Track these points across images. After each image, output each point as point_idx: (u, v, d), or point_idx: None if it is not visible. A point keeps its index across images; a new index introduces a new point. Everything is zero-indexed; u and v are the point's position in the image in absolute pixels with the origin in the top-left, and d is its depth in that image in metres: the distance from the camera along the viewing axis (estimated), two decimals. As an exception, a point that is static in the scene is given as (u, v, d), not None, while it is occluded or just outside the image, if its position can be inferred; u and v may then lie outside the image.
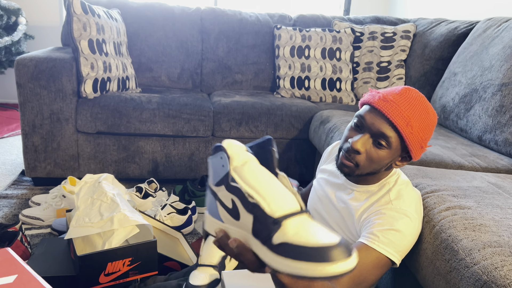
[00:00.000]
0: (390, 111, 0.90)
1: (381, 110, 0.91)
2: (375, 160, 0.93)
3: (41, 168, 2.04)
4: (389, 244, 0.89)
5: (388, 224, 0.91)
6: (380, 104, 0.92)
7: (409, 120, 0.90)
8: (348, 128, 0.99)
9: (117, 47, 2.18)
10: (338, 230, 1.04)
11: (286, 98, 2.50)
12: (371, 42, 2.69)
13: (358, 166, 0.95)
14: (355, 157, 0.94)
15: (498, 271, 0.78)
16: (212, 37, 2.62)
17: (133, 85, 2.30)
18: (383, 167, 0.96)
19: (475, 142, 1.80)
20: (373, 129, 0.92)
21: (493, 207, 1.03)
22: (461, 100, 1.91)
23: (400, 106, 0.90)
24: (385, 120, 0.91)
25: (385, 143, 0.92)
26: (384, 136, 0.91)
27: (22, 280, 0.65)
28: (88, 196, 1.30)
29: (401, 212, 0.93)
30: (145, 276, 1.23)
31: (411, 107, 0.91)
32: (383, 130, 0.91)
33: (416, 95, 0.93)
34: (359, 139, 0.93)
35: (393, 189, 0.99)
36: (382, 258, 0.89)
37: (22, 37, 3.31)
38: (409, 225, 0.93)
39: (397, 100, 0.91)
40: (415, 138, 0.91)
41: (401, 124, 0.89)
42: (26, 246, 1.44)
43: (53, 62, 1.92)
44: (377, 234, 0.90)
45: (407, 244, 0.93)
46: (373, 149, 0.93)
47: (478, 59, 1.91)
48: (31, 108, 1.95)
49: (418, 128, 0.91)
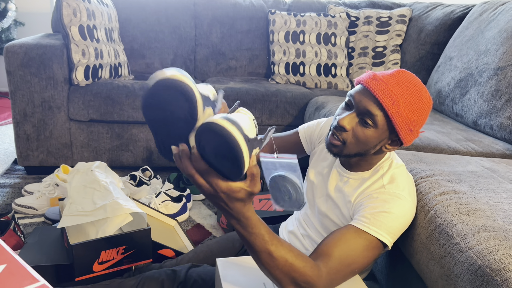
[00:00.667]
0: (377, 89, 0.89)
1: (368, 88, 0.90)
2: (362, 139, 0.93)
3: (33, 157, 2.02)
4: (380, 226, 0.88)
5: (380, 207, 0.91)
6: (368, 82, 0.91)
7: (395, 99, 0.88)
8: (340, 107, 0.99)
9: (108, 33, 2.14)
10: (334, 219, 1.04)
11: (281, 84, 2.48)
12: (366, 27, 2.67)
13: (345, 143, 0.94)
14: (342, 134, 0.94)
15: (492, 255, 0.77)
16: (206, 22, 2.59)
17: (125, 72, 2.27)
18: (371, 149, 0.95)
19: (470, 127, 1.80)
20: (359, 107, 0.92)
21: (487, 191, 1.03)
22: (456, 84, 1.89)
23: (388, 85, 0.89)
24: (372, 98, 0.90)
25: (371, 121, 0.91)
26: (370, 114, 0.90)
27: (11, 269, 0.64)
28: (81, 184, 1.28)
29: (393, 195, 0.93)
30: (140, 264, 1.23)
31: (400, 87, 0.90)
32: (369, 108, 0.90)
33: (409, 77, 0.92)
34: (346, 116, 0.93)
35: (387, 174, 0.98)
36: (373, 240, 0.88)
37: (12, 24, 3.25)
38: (401, 207, 0.92)
39: (387, 79, 0.90)
40: (402, 118, 0.89)
41: (386, 102, 0.88)
42: (19, 235, 1.43)
43: (43, 49, 1.89)
44: (368, 217, 0.90)
45: (399, 226, 0.92)
46: (359, 128, 0.92)
47: (474, 43, 1.89)
48: (21, 96, 1.92)
49: (405, 108, 0.89)
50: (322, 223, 1.07)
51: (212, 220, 1.79)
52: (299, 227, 1.16)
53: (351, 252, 0.86)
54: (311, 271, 0.80)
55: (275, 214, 1.64)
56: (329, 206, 1.06)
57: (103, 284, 1.03)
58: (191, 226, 1.74)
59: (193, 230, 1.70)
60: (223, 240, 1.28)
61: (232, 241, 1.26)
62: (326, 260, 0.84)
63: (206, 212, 1.86)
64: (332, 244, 0.87)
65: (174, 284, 1.02)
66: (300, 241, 1.13)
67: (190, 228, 1.72)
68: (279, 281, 0.80)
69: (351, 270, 0.87)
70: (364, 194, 0.97)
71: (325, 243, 0.88)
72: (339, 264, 0.85)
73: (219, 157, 0.66)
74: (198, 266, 1.10)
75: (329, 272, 0.83)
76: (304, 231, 1.13)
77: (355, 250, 0.87)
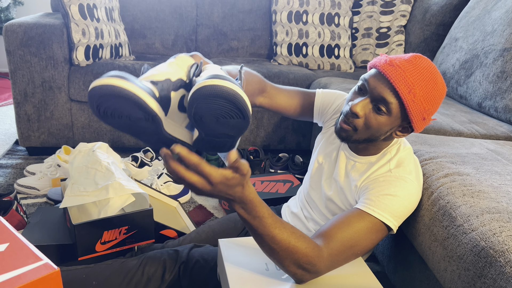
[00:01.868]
0: (394, 76, 0.86)
1: (385, 74, 0.87)
2: (373, 126, 0.90)
3: (35, 138, 2.02)
4: (385, 209, 0.88)
5: (385, 190, 0.90)
6: (385, 68, 0.87)
7: (412, 87, 0.85)
8: (352, 91, 0.96)
9: (109, 12, 2.11)
10: (339, 204, 1.03)
11: (283, 65, 2.45)
12: (370, 7, 2.62)
13: (356, 130, 0.92)
14: (353, 120, 0.91)
15: (496, 237, 0.77)
16: (207, 1, 2.54)
17: (126, 52, 2.24)
18: (382, 135, 0.93)
19: (475, 109, 1.78)
20: (374, 93, 0.88)
21: (491, 173, 1.02)
22: (461, 66, 1.87)
23: (406, 72, 0.86)
24: (388, 85, 0.87)
25: (385, 109, 0.88)
26: (385, 101, 0.87)
27: (14, 248, 0.64)
28: (82, 165, 1.28)
29: (400, 178, 0.92)
30: (142, 244, 1.23)
31: (417, 74, 0.86)
32: (384, 95, 0.87)
33: (425, 63, 0.88)
34: (359, 102, 0.90)
35: (394, 158, 0.96)
36: (377, 223, 0.88)
37: (11, 3, 3.20)
38: (408, 190, 0.91)
39: (404, 65, 0.87)
40: (417, 107, 0.87)
41: (403, 90, 0.85)
42: (22, 215, 1.44)
43: (42, 28, 1.86)
44: (373, 199, 0.89)
45: (404, 210, 0.91)
46: (372, 114, 0.90)
47: (480, 24, 1.86)
48: (22, 76, 1.90)
49: (421, 97, 0.86)
50: (327, 206, 1.07)
51: (213, 201, 1.80)
52: (303, 209, 1.15)
53: (354, 234, 0.86)
54: (313, 252, 0.80)
55: (277, 196, 1.64)
56: (334, 190, 1.05)
57: (106, 264, 1.03)
58: (193, 207, 1.74)
59: (195, 211, 1.71)
60: (225, 220, 1.28)
61: (234, 221, 1.26)
62: (328, 241, 0.84)
63: (208, 194, 1.86)
64: (335, 226, 0.86)
65: (176, 264, 1.03)
66: (303, 223, 1.13)
67: (192, 209, 1.73)
68: (282, 263, 0.80)
69: (353, 252, 0.87)
70: (370, 178, 0.96)
71: (329, 225, 0.88)
72: (342, 245, 0.84)
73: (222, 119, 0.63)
74: (200, 247, 1.10)
75: (331, 254, 0.83)
76: (308, 213, 1.13)
77: (358, 233, 0.86)
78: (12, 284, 0.57)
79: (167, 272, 1.02)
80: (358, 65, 2.66)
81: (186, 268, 1.02)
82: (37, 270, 0.60)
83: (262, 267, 0.89)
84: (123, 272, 1.01)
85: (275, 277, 0.86)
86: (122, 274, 1.00)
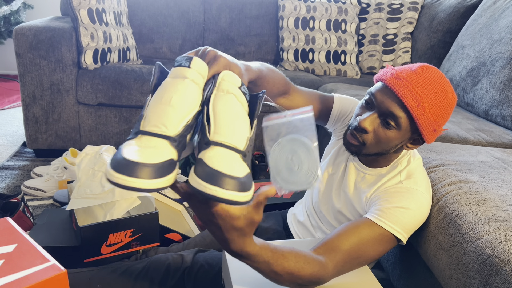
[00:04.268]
0: (401, 90, 0.84)
1: (391, 88, 0.85)
2: (383, 140, 0.89)
3: (42, 140, 2.04)
4: (396, 221, 0.87)
5: (397, 202, 0.89)
6: (391, 81, 0.86)
7: (421, 100, 0.83)
8: (358, 105, 0.94)
9: (117, 16, 2.13)
10: (349, 216, 1.02)
11: (289, 71, 2.46)
12: (377, 14, 2.63)
13: (365, 144, 0.91)
14: (362, 135, 0.90)
15: (502, 245, 0.77)
16: (214, 7, 2.56)
17: (134, 56, 2.26)
18: (392, 148, 0.92)
19: (481, 116, 1.78)
20: (382, 108, 0.87)
21: (498, 181, 1.02)
22: (468, 73, 1.87)
23: (413, 85, 0.84)
24: (395, 99, 0.85)
25: (394, 123, 0.86)
26: (393, 116, 0.86)
27: (22, 249, 0.65)
28: (89, 167, 1.29)
29: (411, 190, 0.91)
30: (147, 247, 1.24)
31: (425, 86, 0.84)
32: (392, 109, 0.85)
33: (433, 73, 0.86)
34: (367, 118, 0.88)
35: (404, 170, 0.96)
36: (386, 235, 0.87)
37: (21, 7, 3.24)
38: (419, 203, 0.91)
39: (410, 78, 0.85)
40: (426, 120, 0.85)
41: (411, 104, 0.83)
42: (28, 216, 1.45)
43: (52, 31, 1.88)
44: (384, 211, 0.88)
45: (415, 222, 0.91)
46: (381, 129, 0.88)
47: (487, 32, 1.86)
48: (31, 79, 1.92)
49: (430, 109, 0.84)
50: (336, 217, 1.06)
51: (218, 205, 1.80)
52: (310, 217, 1.14)
53: (361, 245, 0.85)
54: (318, 272, 0.78)
55: (282, 201, 1.64)
56: (343, 203, 1.04)
57: (111, 267, 1.04)
58: (198, 211, 1.75)
59: (200, 215, 1.71)
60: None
61: (239, 226, 1.26)
62: (333, 253, 0.83)
63: (213, 198, 1.86)
64: (342, 236, 0.85)
65: (180, 268, 1.03)
66: (311, 232, 1.12)
67: (197, 213, 1.73)
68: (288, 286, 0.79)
69: (359, 262, 0.87)
70: (380, 190, 0.95)
71: (335, 234, 0.87)
72: (347, 256, 0.84)
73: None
74: (205, 251, 1.10)
75: (336, 265, 0.82)
76: (315, 223, 1.12)
77: (366, 243, 0.86)
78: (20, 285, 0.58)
79: (171, 277, 1.02)
80: (365, 71, 2.66)
81: (191, 272, 1.02)
82: (44, 271, 0.61)
83: (266, 272, 0.89)
84: (128, 276, 1.01)
85: (280, 282, 0.86)
86: (126, 277, 1.01)
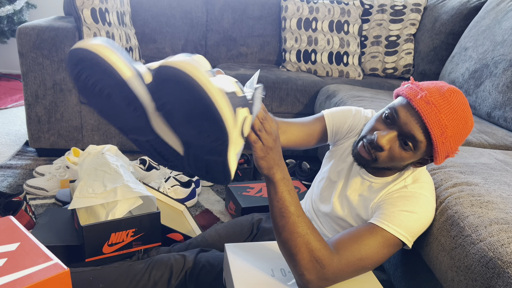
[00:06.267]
0: (429, 116, 0.82)
1: (420, 112, 0.83)
2: (397, 159, 0.88)
3: (44, 139, 2.04)
4: (400, 225, 0.87)
5: (402, 206, 0.89)
6: (420, 105, 0.83)
7: (445, 129, 0.82)
8: (376, 117, 0.92)
9: (120, 16, 2.13)
10: (351, 222, 1.02)
11: (292, 72, 2.46)
12: (380, 15, 2.63)
13: (376, 160, 0.90)
14: (376, 153, 0.88)
15: (504, 247, 0.77)
16: (217, 7, 2.56)
17: (136, 56, 2.26)
18: (403, 166, 0.93)
19: (484, 118, 1.77)
20: (404, 129, 0.85)
21: (500, 184, 1.02)
22: (471, 75, 1.86)
23: (441, 113, 0.82)
24: (420, 123, 0.83)
25: (412, 145, 0.86)
26: (414, 139, 0.85)
27: (25, 247, 0.65)
28: (91, 167, 1.29)
29: (416, 195, 0.91)
30: (149, 247, 1.24)
31: (451, 114, 0.83)
32: (415, 133, 0.84)
33: (460, 101, 0.84)
34: (386, 135, 0.86)
35: (410, 176, 0.95)
36: (390, 238, 0.87)
37: (24, 6, 3.25)
38: (424, 207, 0.91)
39: (440, 104, 0.82)
40: (445, 148, 0.85)
41: (436, 132, 0.82)
42: (31, 215, 1.45)
43: (55, 31, 1.89)
44: (388, 214, 0.88)
45: (420, 226, 0.90)
46: (398, 149, 0.87)
47: (490, 34, 1.86)
48: (33, 78, 1.93)
49: (451, 138, 0.84)
50: (338, 223, 1.06)
51: (220, 206, 1.80)
52: (311, 221, 1.14)
53: (365, 247, 0.85)
54: (327, 251, 0.81)
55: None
56: (347, 210, 1.03)
57: (113, 267, 1.04)
58: (199, 211, 1.75)
59: (202, 215, 1.71)
60: (231, 225, 1.28)
61: (240, 226, 1.26)
62: (340, 251, 0.83)
63: (215, 198, 1.87)
64: (347, 238, 0.86)
65: (182, 269, 1.03)
66: None
67: (198, 213, 1.73)
68: (297, 251, 0.81)
69: (363, 266, 0.86)
70: (384, 195, 0.95)
71: (340, 236, 0.87)
72: (352, 256, 0.84)
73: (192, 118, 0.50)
74: (207, 251, 1.10)
75: (341, 262, 0.82)
76: (317, 226, 1.12)
77: (370, 246, 0.86)
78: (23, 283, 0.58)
79: (174, 277, 1.02)
80: (367, 72, 2.66)
81: (192, 273, 1.03)
82: (47, 269, 0.61)
83: (268, 272, 0.89)
84: (130, 276, 1.01)
85: (281, 282, 0.86)
86: (128, 277, 1.01)
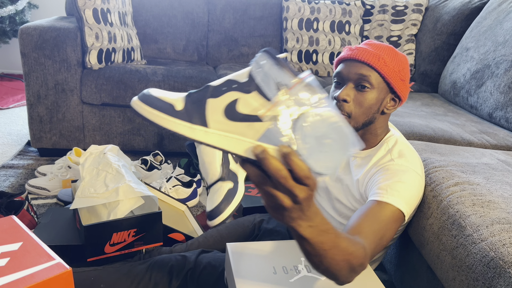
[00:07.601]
0: (359, 54, 0.95)
1: (352, 56, 0.96)
2: (364, 104, 0.96)
3: (46, 139, 2.04)
4: (398, 195, 0.88)
5: (393, 177, 0.92)
6: (348, 53, 0.97)
7: (379, 55, 0.94)
8: (331, 90, 1.03)
9: (122, 17, 2.14)
10: (345, 202, 1.04)
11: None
12: (381, 16, 2.63)
13: (351, 116, 0.97)
14: (345, 107, 0.96)
15: (506, 247, 0.77)
16: (219, 8, 2.57)
17: (138, 56, 2.27)
18: (375, 112, 0.98)
19: (485, 119, 1.77)
20: (351, 76, 0.96)
21: (502, 184, 1.02)
22: (472, 76, 1.86)
23: (367, 48, 0.96)
24: (358, 63, 0.95)
25: (367, 83, 0.95)
26: (363, 76, 0.94)
27: (27, 247, 0.65)
28: (93, 167, 1.30)
29: (404, 167, 0.94)
30: (150, 247, 1.24)
31: (377, 48, 0.96)
32: (360, 71, 0.95)
33: (377, 41, 0.99)
34: (342, 90, 0.97)
35: (394, 149, 0.99)
36: (395, 211, 0.88)
37: (26, 6, 3.26)
38: (413, 178, 0.94)
39: (361, 46, 0.98)
40: (391, 70, 0.95)
41: (373, 60, 0.94)
42: (32, 215, 1.45)
43: (57, 31, 1.89)
44: (385, 188, 0.90)
45: (413, 197, 0.93)
46: (359, 94, 0.96)
47: (491, 34, 1.86)
48: (35, 78, 1.93)
49: (390, 61, 0.95)
50: (334, 207, 1.07)
51: (221, 206, 1.80)
52: None
53: (381, 225, 0.84)
54: (361, 252, 0.72)
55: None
56: (339, 189, 1.06)
57: (114, 267, 1.04)
58: (200, 211, 1.75)
59: (203, 215, 1.72)
60: (233, 225, 1.28)
61: (242, 226, 1.26)
62: (363, 238, 0.79)
63: (216, 198, 1.87)
64: (362, 221, 0.84)
65: (183, 270, 1.03)
66: None
67: (200, 213, 1.73)
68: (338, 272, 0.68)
69: (383, 244, 0.84)
70: (373, 170, 0.97)
71: (354, 221, 0.85)
72: (375, 238, 0.82)
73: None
74: (208, 252, 1.10)
75: (370, 248, 0.79)
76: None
77: (383, 222, 0.85)
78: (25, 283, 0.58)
79: (175, 278, 1.02)
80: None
81: (194, 274, 1.03)
82: (49, 269, 0.61)
83: (270, 271, 0.89)
84: (131, 276, 1.01)
85: (283, 281, 0.86)
86: (130, 278, 1.01)
